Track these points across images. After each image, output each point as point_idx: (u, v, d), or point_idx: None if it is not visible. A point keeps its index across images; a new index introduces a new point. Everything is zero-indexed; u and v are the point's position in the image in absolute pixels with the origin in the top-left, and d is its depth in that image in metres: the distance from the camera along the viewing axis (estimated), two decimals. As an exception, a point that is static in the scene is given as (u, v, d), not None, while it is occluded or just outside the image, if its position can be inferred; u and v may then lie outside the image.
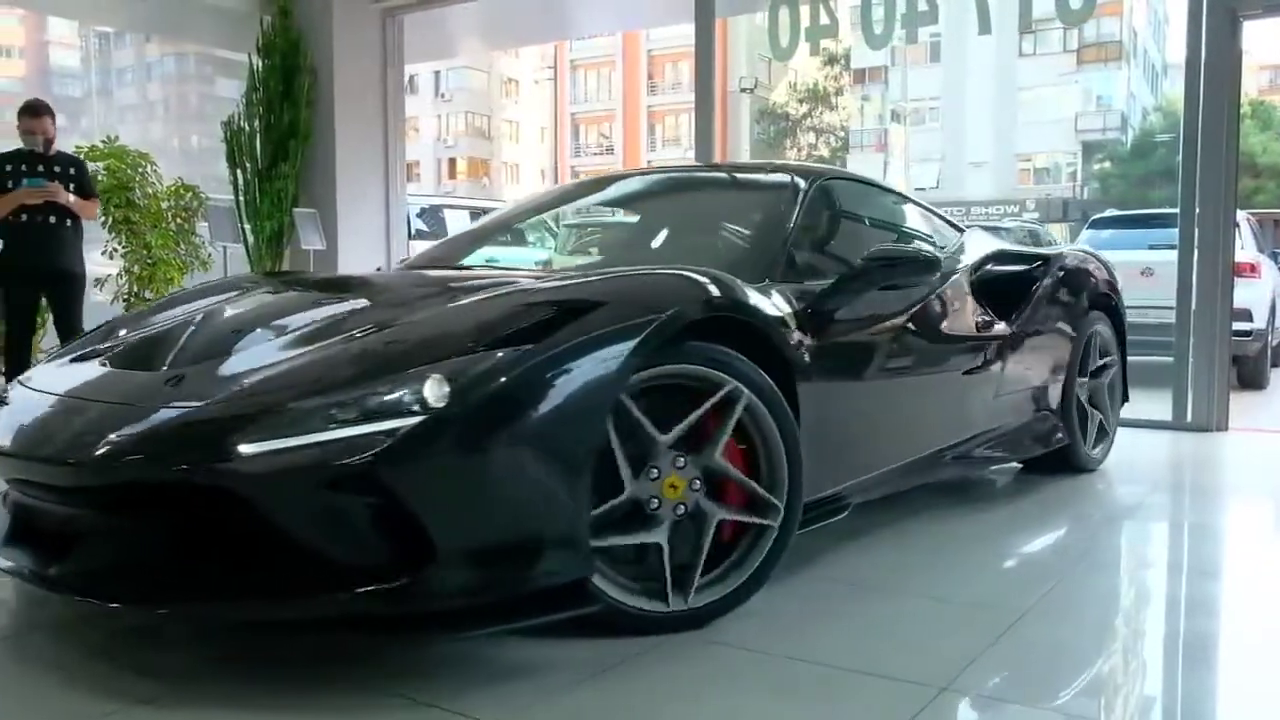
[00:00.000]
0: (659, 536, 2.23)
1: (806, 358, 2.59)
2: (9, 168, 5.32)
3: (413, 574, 1.88)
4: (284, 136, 7.41)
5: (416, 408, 1.91)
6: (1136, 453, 4.70)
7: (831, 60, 34.40)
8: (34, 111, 5.40)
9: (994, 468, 4.03)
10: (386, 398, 1.93)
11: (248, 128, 7.49)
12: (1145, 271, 7.12)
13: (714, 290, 2.37)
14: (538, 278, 2.74)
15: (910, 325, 3.15)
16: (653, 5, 9.35)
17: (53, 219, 5.30)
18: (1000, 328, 3.64)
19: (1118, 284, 4.46)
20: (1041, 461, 4.01)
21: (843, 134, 37.16)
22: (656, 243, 3.46)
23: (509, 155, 50.17)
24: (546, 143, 48.72)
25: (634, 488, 2.21)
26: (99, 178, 5.59)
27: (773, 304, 2.58)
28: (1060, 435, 3.97)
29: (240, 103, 7.59)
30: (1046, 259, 4.15)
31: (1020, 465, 4.10)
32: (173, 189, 7.29)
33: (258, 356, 2.26)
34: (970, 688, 2.01)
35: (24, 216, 5.26)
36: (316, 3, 7.60)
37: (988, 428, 3.59)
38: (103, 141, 7.16)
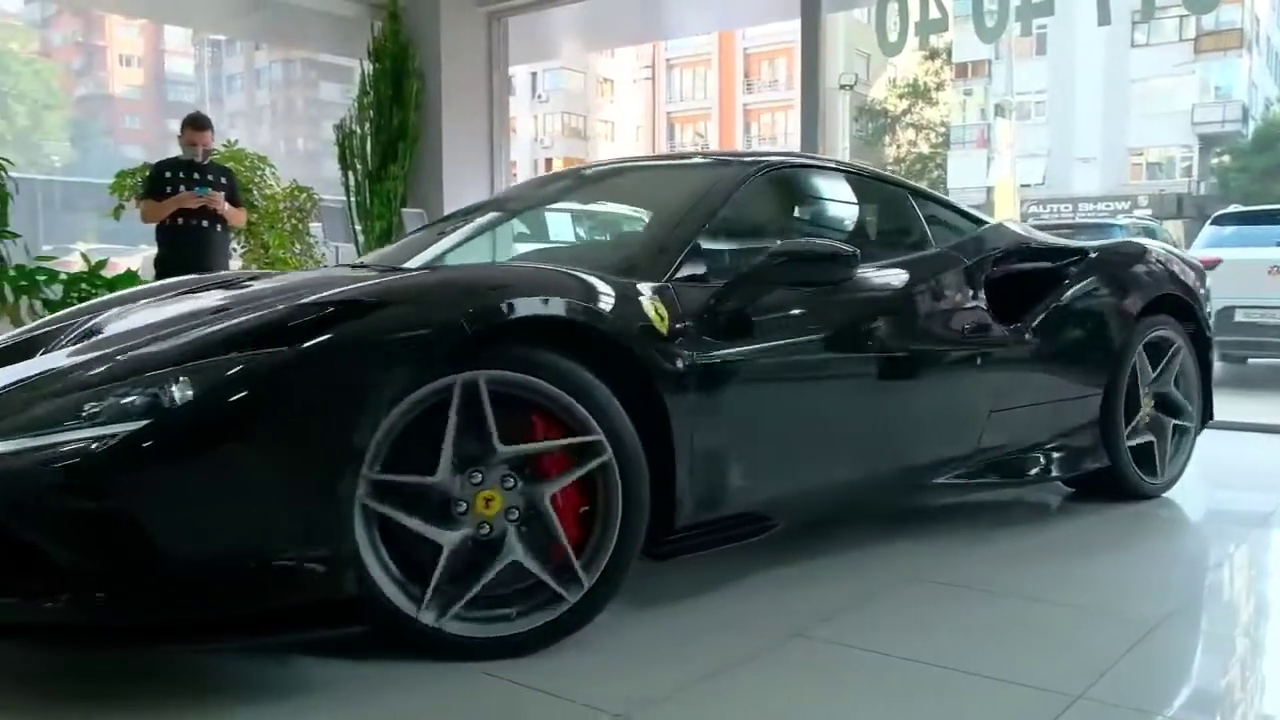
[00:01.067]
0: (445, 539, 2.08)
1: (682, 364, 2.38)
2: (169, 174, 5.76)
3: (132, 583, 1.84)
4: (393, 139, 7.57)
5: (140, 413, 1.86)
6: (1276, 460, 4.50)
7: (933, 54, 33.76)
8: (197, 125, 5.86)
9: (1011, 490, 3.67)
10: (108, 402, 1.90)
11: (359, 130, 7.67)
12: (1274, 270, 6.83)
13: (528, 293, 2.18)
14: (361, 278, 2.48)
15: (855, 329, 2.90)
16: (754, 3, 9.28)
17: (205, 223, 5.69)
18: (1000, 332, 3.28)
19: (1198, 282, 3.92)
20: (1092, 485, 3.62)
21: (943, 130, 36.43)
22: (547, 241, 3.29)
23: (605, 155, 50.47)
24: (642, 142, 48.82)
25: (445, 480, 2.08)
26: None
27: (637, 306, 2.38)
28: (1096, 458, 3.50)
29: (351, 106, 7.78)
30: (1085, 254, 3.69)
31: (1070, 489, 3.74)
32: (288, 191, 7.52)
33: (49, 361, 2.28)
34: (1108, 696, 1.95)
35: (180, 220, 5.66)
36: (424, 7, 7.73)
37: (985, 446, 3.22)
38: (224, 145, 7.41)
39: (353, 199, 7.68)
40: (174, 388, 1.89)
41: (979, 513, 3.49)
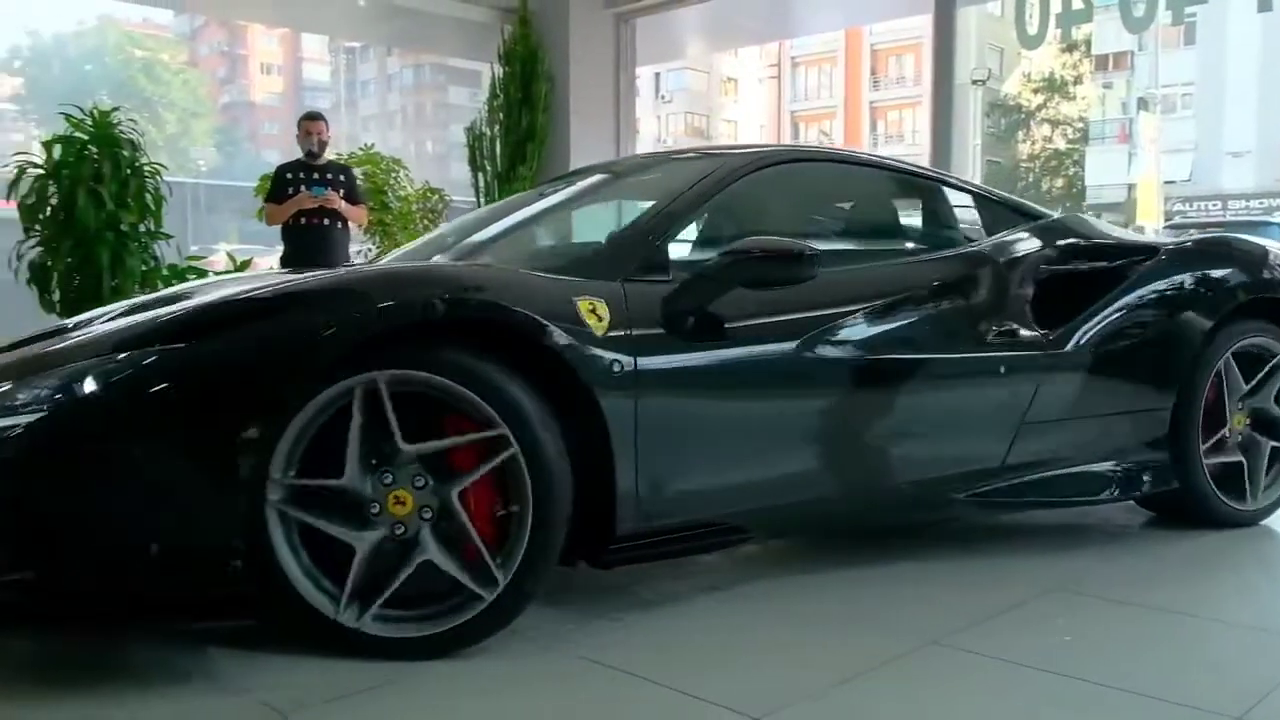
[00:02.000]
0: (358, 541, 2.08)
1: (620, 366, 2.29)
2: (289, 176, 6.01)
3: (40, 569, 1.94)
4: (522, 140, 7.68)
5: (45, 404, 1.94)
6: None
7: (1071, 47, 32.60)
8: (312, 117, 6.17)
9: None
10: (30, 392, 1.97)
11: (488, 133, 7.82)
12: None
13: (440, 289, 2.15)
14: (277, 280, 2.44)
15: (830, 332, 2.68)
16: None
17: (326, 222, 5.89)
18: (1036, 338, 3.01)
19: None
20: (1169, 508, 3.30)
21: (1081, 125, 35.17)
22: (511, 240, 3.12)
23: (727, 155, 50.17)
24: (765, 141, 48.49)
25: (355, 481, 2.08)
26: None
27: (568, 305, 2.29)
28: (1163, 479, 3.16)
29: (481, 109, 7.93)
30: (1156, 252, 3.33)
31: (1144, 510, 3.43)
32: (421, 192, 7.70)
33: (33, 349, 2.32)
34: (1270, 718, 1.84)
35: (302, 220, 5.86)
36: (554, 10, 7.83)
37: (1016, 462, 2.97)
38: (360, 149, 7.65)
39: (482, 200, 7.82)
40: (80, 381, 1.97)
41: (1128, 524, 3.35)
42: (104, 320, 2.40)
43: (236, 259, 6.27)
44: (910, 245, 3.32)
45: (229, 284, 2.70)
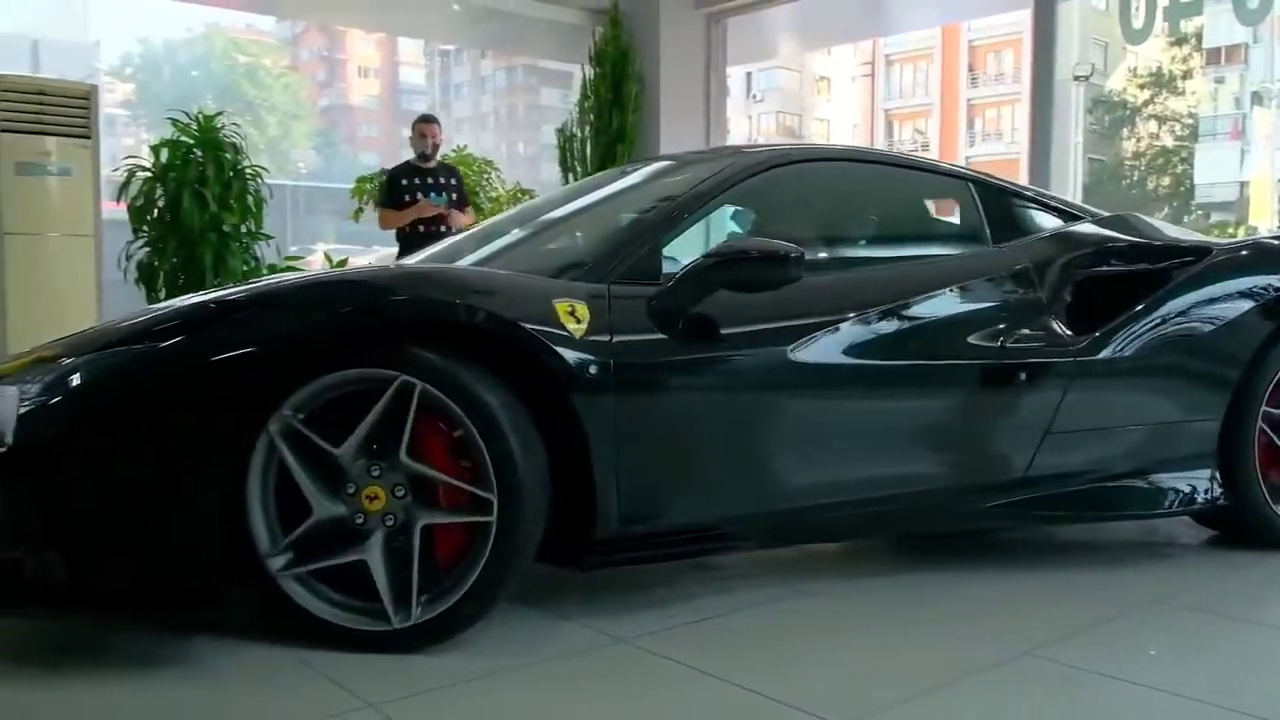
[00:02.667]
0: (367, 553, 2.13)
1: (597, 369, 2.27)
2: (404, 182, 6.11)
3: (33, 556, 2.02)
4: (612, 141, 7.70)
5: (50, 389, 2.05)
6: None
7: (1180, 40, 31.54)
8: (427, 120, 6.29)
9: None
10: (41, 381, 2.07)
11: (579, 134, 7.86)
12: None
13: (395, 293, 2.22)
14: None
15: (823, 336, 2.59)
16: (980, -7, 8.94)
17: (443, 229, 5.97)
18: (1064, 343, 2.87)
19: None
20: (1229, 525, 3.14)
21: (1190, 121, 33.99)
22: (503, 245, 3.07)
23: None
24: (858, 141, 47.93)
25: (323, 508, 2.14)
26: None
27: (545, 307, 2.28)
28: (1211, 494, 3.01)
29: (572, 110, 7.98)
30: (1206, 253, 3.14)
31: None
32: (512, 193, 7.78)
33: None
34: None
35: (420, 227, 6.05)
36: (645, 11, 7.83)
37: (1040, 474, 2.85)
38: (453, 150, 7.76)
39: (572, 201, 7.86)
40: (74, 375, 2.07)
41: (1222, 537, 3.21)
42: None
43: (333, 259, 6.41)
44: (924, 246, 3.22)
45: None
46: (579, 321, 2.30)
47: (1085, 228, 3.25)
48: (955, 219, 3.27)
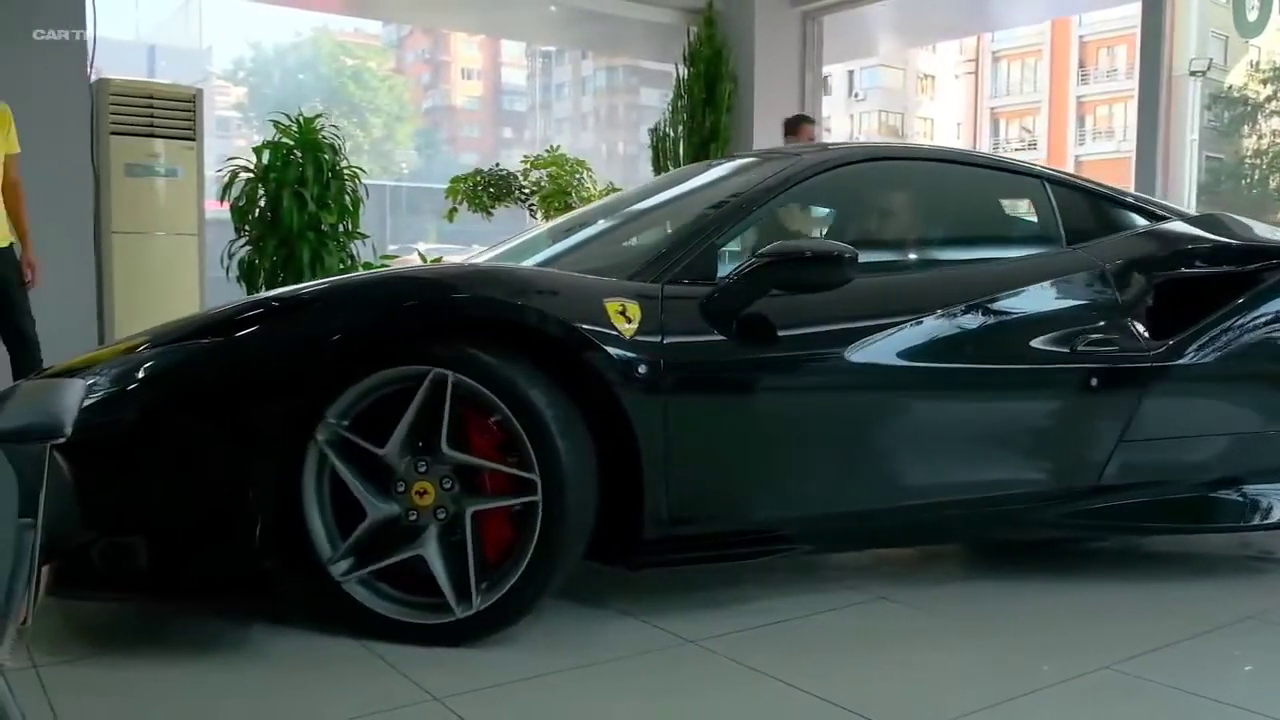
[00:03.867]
0: (424, 548, 2.17)
1: (647, 369, 2.26)
2: None
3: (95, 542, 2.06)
4: (705, 140, 7.68)
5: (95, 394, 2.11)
6: None
7: (1303, 34, 30.12)
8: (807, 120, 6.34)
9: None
10: (112, 371, 2.17)
11: (672, 134, 7.85)
12: None
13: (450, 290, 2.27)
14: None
15: (883, 337, 2.54)
16: (1091, -14, 8.67)
17: None
18: (1141, 347, 2.77)
19: None
20: None
21: (1316, 117, 32.46)
22: (568, 243, 3.07)
23: (922, 153, 48.83)
24: (963, 139, 46.97)
25: (376, 509, 2.18)
26: (541, 184, 6.18)
27: (596, 307, 2.28)
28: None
29: (666, 110, 7.98)
30: None
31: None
32: (604, 192, 7.80)
33: None
34: None
35: None
36: (739, 9, 7.80)
37: (1114, 483, 2.74)
38: (546, 151, 7.82)
39: (664, 200, 7.86)
40: (146, 365, 2.17)
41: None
42: None
43: (427, 258, 6.51)
44: (992, 247, 3.12)
45: None
46: (630, 321, 2.31)
47: (1168, 228, 3.14)
48: (1021, 217, 3.18)
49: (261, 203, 6.07)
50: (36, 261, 4.52)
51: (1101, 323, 2.81)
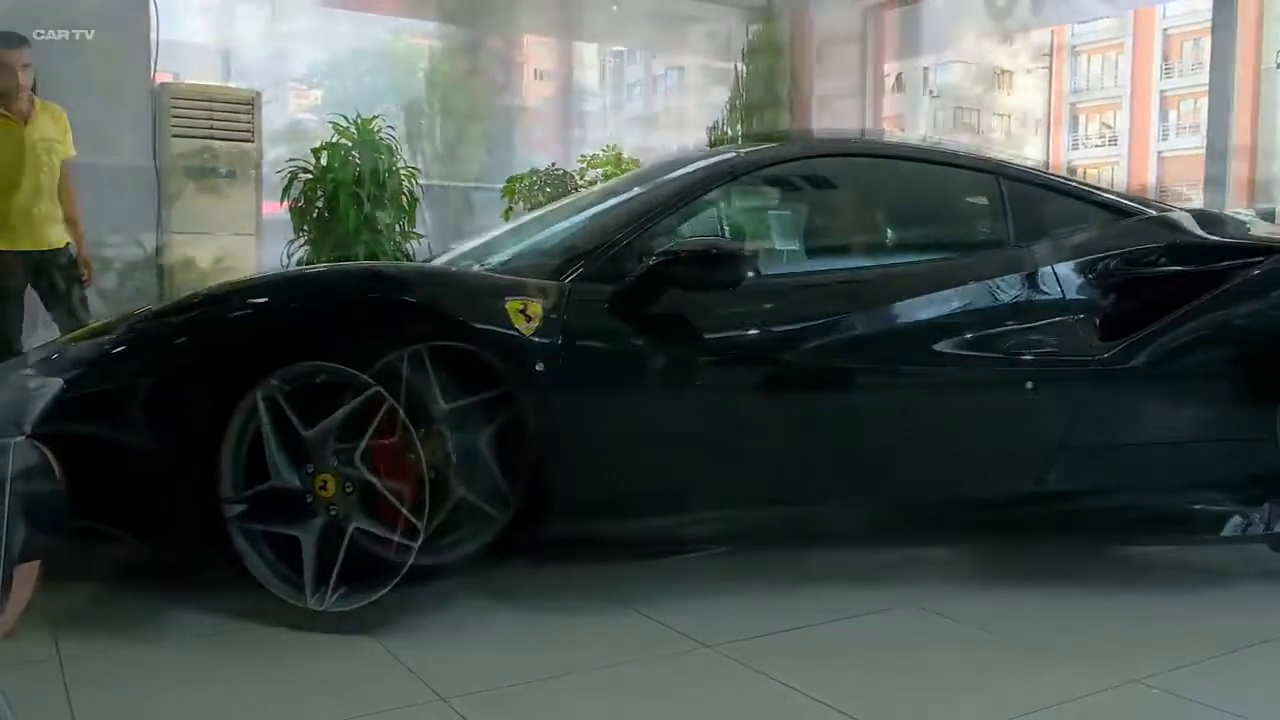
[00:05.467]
0: (302, 531, 2.26)
1: (543, 365, 2.29)
2: None
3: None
4: (764, 139, 7.62)
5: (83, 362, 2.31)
6: None
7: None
8: None
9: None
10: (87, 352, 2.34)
11: (730, 132, 7.80)
12: None
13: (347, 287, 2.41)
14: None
15: (779, 337, 2.55)
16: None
17: None
18: (1084, 351, 2.66)
19: None
20: None
21: None
22: (523, 242, 3.03)
23: (1000, 150, 48.03)
24: (1040, 135, 46.04)
25: (280, 478, 2.28)
26: (597, 183, 6.16)
27: (494, 304, 2.32)
28: (1273, 518, 2.69)
29: (725, 109, 7.93)
30: (1270, 252, 2.83)
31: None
32: (659, 191, 7.79)
33: None
34: None
35: None
36: (798, 6, 7.73)
37: (1056, 489, 2.66)
38: (602, 150, 7.82)
39: (720, 198, 7.82)
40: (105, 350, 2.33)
41: None
42: None
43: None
44: (926, 247, 3.00)
45: None
46: (530, 320, 2.33)
47: (1127, 225, 2.99)
48: (964, 214, 3.08)
49: (319, 203, 6.16)
50: (91, 260, 4.67)
51: (1039, 324, 2.72)
